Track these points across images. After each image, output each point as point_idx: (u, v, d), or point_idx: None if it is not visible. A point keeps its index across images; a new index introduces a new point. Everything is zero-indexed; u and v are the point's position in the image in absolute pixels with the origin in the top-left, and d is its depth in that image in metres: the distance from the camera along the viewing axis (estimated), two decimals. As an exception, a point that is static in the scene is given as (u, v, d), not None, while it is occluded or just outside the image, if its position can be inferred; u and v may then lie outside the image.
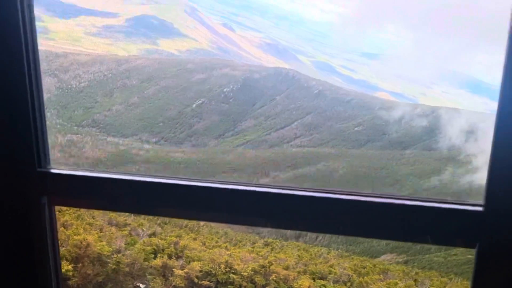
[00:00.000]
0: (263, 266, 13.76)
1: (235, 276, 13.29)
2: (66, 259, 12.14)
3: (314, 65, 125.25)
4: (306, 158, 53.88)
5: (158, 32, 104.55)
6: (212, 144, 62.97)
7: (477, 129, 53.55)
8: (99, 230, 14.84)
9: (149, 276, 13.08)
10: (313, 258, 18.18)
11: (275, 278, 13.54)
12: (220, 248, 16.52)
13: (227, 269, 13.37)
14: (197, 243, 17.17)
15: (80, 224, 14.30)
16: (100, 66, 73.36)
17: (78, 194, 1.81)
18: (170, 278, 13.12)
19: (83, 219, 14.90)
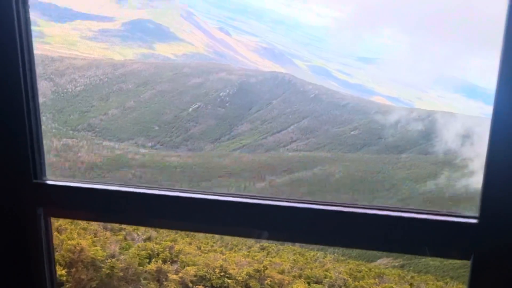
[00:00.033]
0: (258, 271, 13.74)
1: (230, 281, 13.26)
2: (60, 264, 12.07)
3: (310, 69, 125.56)
4: (302, 162, 53.91)
5: (154, 36, 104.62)
6: (208, 148, 62.96)
7: (472, 133, 53.77)
8: (94, 234, 14.77)
9: (143, 281, 13.03)
10: (308, 262, 18.16)
11: (269, 283, 13.52)
12: (216, 252, 16.48)
13: (222, 273, 13.35)
14: (192, 247, 17.11)
15: (74, 228, 14.24)
16: (96, 70, 73.33)
17: (74, 205, 1.81)
18: (165, 283, 13.08)
19: (77, 223, 14.83)
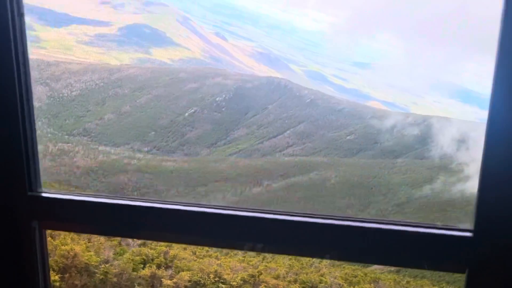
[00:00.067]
0: (253, 276, 13.70)
1: (224, 286, 13.21)
2: (53, 270, 12.01)
3: (306, 74, 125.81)
4: (298, 167, 53.92)
5: (150, 41, 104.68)
6: (204, 153, 62.90)
7: (468, 138, 53.92)
8: (87, 240, 14.69)
9: (137, 287, 12.98)
10: (304, 267, 18.11)
11: (264, 288, 13.49)
12: (211, 257, 16.42)
13: (216, 278, 13.31)
14: (187, 252, 17.04)
15: (68, 234, 14.14)
16: (92, 75, 73.25)
17: (69, 218, 1.80)
18: (158, 288, 13.04)
19: (71, 229, 14.72)
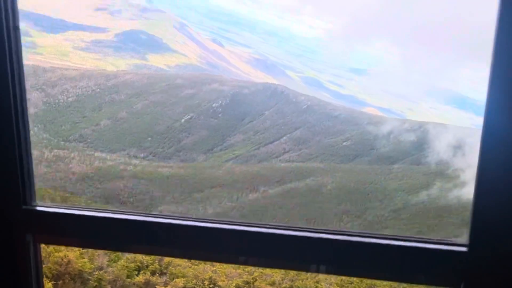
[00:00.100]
0: (247, 282, 13.61)
1: (219, 292, 13.14)
2: (47, 277, 11.88)
3: (302, 80, 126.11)
4: (294, 173, 53.89)
5: (147, 47, 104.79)
6: (200, 159, 62.80)
7: (464, 144, 54.07)
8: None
9: (131, 293, 12.85)
10: (299, 274, 18.02)
11: (259, 294, 13.40)
12: (205, 264, 16.32)
13: (211, 285, 13.21)
14: (182, 259, 16.92)
15: (62, 241, 14.01)
16: (88, 81, 73.18)
17: (64, 232, 1.79)
18: (152, 295, 12.91)
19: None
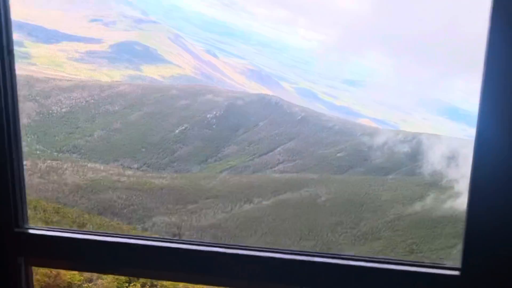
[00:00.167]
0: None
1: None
2: (37, 289, 11.76)
3: (296, 91, 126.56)
4: (289, 184, 53.85)
5: (141, 58, 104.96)
6: (195, 170, 62.68)
7: (458, 154, 54.30)
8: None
9: (122, 306, 12.70)
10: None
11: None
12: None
13: (204, 298, 13.13)
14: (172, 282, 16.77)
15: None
16: (82, 91, 73.06)
17: (56, 254, 1.78)
18: (142, 308, 12.76)
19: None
